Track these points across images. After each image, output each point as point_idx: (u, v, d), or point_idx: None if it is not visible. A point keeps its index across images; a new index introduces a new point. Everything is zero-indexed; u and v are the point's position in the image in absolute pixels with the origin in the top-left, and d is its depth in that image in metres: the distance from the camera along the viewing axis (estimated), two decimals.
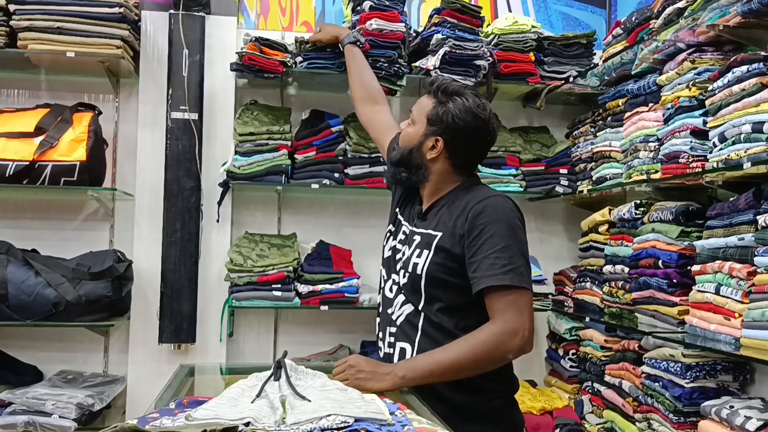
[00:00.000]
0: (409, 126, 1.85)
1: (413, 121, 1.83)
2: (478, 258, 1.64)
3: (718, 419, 2.06)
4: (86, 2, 2.79)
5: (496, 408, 1.76)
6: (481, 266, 1.62)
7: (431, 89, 1.81)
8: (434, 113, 1.77)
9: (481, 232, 1.65)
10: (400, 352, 1.73)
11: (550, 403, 3.02)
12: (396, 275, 1.80)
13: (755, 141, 1.99)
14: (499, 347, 1.60)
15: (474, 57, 3.03)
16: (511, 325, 1.59)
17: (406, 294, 1.76)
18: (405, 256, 1.78)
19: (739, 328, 2.00)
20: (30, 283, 2.68)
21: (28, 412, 2.59)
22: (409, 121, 1.86)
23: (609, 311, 2.83)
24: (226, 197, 3.11)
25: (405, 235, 1.83)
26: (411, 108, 1.89)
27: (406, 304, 1.77)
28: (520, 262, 1.64)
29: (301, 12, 3.44)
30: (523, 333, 1.60)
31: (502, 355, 1.64)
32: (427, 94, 1.83)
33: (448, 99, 1.78)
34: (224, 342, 3.10)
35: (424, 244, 1.74)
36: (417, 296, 1.73)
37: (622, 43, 2.90)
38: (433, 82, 1.82)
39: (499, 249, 1.62)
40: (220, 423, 1.03)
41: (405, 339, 1.74)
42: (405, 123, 1.89)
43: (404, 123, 1.89)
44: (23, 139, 2.74)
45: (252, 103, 3.17)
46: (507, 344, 1.60)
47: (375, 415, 1.10)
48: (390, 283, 1.82)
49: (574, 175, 3.28)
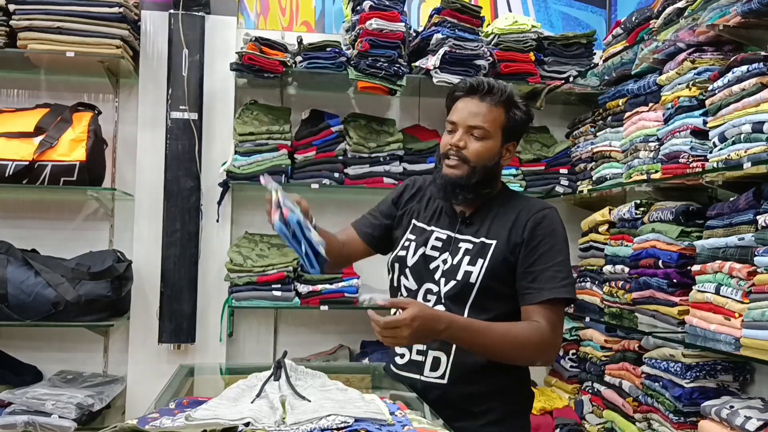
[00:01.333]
0: (476, 141, 1.68)
1: (484, 135, 1.68)
2: (537, 269, 1.64)
3: (718, 419, 2.06)
4: (86, 2, 2.80)
5: (516, 412, 1.77)
6: (540, 278, 1.63)
7: (496, 99, 1.68)
8: (509, 124, 1.70)
9: (540, 244, 1.66)
10: (433, 361, 1.68)
11: (550, 403, 3.01)
12: (433, 284, 1.71)
13: (755, 141, 1.99)
14: (537, 351, 1.61)
15: (474, 57, 3.03)
16: (552, 337, 1.62)
17: (449, 302, 1.68)
18: (449, 264, 1.70)
19: (739, 328, 2.00)
20: (30, 283, 2.68)
21: (27, 412, 2.59)
22: (460, 134, 1.68)
23: (609, 311, 2.83)
24: (226, 197, 3.11)
25: (442, 242, 1.74)
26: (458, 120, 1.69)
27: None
28: (573, 276, 1.68)
29: (301, 12, 3.44)
30: (557, 349, 1.66)
31: (534, 359, 1.67)
32: (480, 101, 1.68)
33: (511, 104, 1.70)
34: (224, 342, 3.10)
35: (476, 252, 1.69)
36: (462, 305, 1.68)
37: (622, 43, 2.90)
38: (491, 89, 1.68)
39: (558, 262, 1.64)
40: (220, 423, 1.03)
41: (440, 348, 1.68)
42: (456, 137, 1.69)
43: (455, 137, 1.69)
44: (23, 139, 2.75)
45: (252, 103, 3.17)
46: (544, 352, 1.63)
47: (375, 415, 1.10)
48: (423, 292, 1.72)
49: (574, 175, 3.28)
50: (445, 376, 1.66)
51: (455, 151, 1.68)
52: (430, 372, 1.67)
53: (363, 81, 2.98)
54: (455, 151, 1.68)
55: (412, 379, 1.68)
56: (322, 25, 3.45)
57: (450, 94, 1.77)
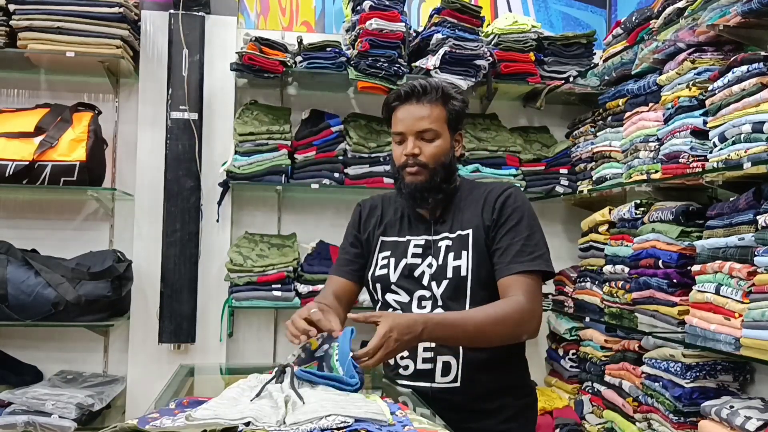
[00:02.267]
0: (428, 144, 1.70)
1: (434, 136, 1.70)
2: (505, 244, 1.66)
3: (718, 419, 2.06)
4: (86, 2, 2.80)
5: (527, 405, 1.79)
6: (509, 251, 1.64)
7: (433, 97, 1.70)
8: (452, 116, 1.73)
9: (507, 220, 1.68)
10: (443, 366, 1.67)
11: (550, 403, 3.02)
12: (424, 290, 1.71)
13: (755, 141, 1.99)
14: (521, 324, 1.60)
15: (474, 57, 3.03)
16: (531, 308, 1.61)
17: (446, 303, 1.68)
18: (435, 266, 1.70)
19: (739, 328, 2.00)
20: (30, 283, 2.67)
21: (28, 412, 2.59)
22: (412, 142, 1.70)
23: (609, 311, 2.83)
24: (226, 197, 3.11)
25: (422, 248, 1.74)
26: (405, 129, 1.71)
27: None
28: (545, 248, 1.68)
29: (301, 12, 3.44)
30: (539, 318, 1.65)
31: (520, 333, 1.64)
32: (418, 104, 1.70)
33: (448, 97, 1.73)
34: (224, 342, 3.10)
35: (457, 246, 1.70)
36: (461, 301, 1.68)
37: (622, 43, 2.90)
38: (425, 89, 1.71)
39: (526, 236, 1.66)
40: (220, 423, 1.03)
41: (447, 351, 1.67)
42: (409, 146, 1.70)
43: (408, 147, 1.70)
44: (23, 139, 2.74)
45: (252, 103, 3.17)
46: (527, 324, 1.62)
47: (375, 416, 1.10)
48: (416, 301, 1.72)
49: (574, 175, 3.28)
50: (458, 379, 1.65)
51: (413, 160, 1.71)
52: (441, 378, 1.66)
53: (363, 81, 2.98)
54: (412, 159, 1.71)
55: (422, 388, 1.65)
56: (322, 25, 3.46)
57: (385, 105, 1.77)
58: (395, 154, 1.75)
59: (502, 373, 1.70)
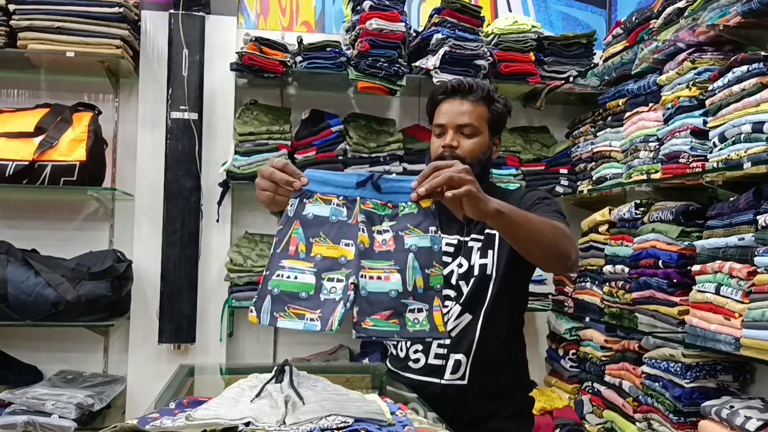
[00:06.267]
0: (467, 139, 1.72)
1: (474, 132, 1.72)
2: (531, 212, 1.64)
3: (718, 419, 2.06)
4: (86, 2, 2.80)
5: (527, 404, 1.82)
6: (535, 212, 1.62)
7: (478, 96, 1.72)
8: (493, 118, 1.75)
9: (531, 204, 1.69)
10: (454, 364, 1.68)
11: (550, 403, 3.01)
12: (451, 289, 1.71)
13: (755, 141, 1.99)
14: (569, 242, 1.56)
15: (474, 57, 3.03)
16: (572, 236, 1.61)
17: (466, 303, 1.70)
18: (465, 267, 1.71)
19: (739, 328, 2.00)
20: (30, 283, 2.67)
21: (27, 412, 2.59)
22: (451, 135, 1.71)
23: (609, 311, 2.83)
24: (226, 197, 3.11)
25: (453, 247, 1.74)
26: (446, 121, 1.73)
27: (464, 314, 1.71)
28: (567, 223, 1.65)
29: (301, 12, 3.44)
30: (577, 249, 1.63)
31: (567, 250, 1.55)
32: (463, 100, 1.73)
33: (492, 99, 1.75)
34: (224, 342, 3.10)
35: (485, 245, 1.72)
36: (480, 301, 1.69)
37: (622, 43, 2.90)
38: (471, 87, 1.72)
39: (551, 211, 1.66)
40: (220, 423, 1.03)
41: (460, 349, 1.69)
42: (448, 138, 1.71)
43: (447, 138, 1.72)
44: (23, 139, 2.74)
45: (252, 103, 3.17)
46: (572, 245, 1.58)
47: (375, 416, 1.10)
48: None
49: (574, 175, 3.28)
50: (465, 377, 1.68)
51: (450, 152, 1.70)
52: (450, 375, 1.68)
53: (363, 81, 2.98)
54: (450, 151, 1.70)
55: (431, 383, 1.67)
56: (322, 25, 3.45)
57: (431, 99, 1.79)
58: (433, 146, 1.76)
59: (507, 372, 1.72)
